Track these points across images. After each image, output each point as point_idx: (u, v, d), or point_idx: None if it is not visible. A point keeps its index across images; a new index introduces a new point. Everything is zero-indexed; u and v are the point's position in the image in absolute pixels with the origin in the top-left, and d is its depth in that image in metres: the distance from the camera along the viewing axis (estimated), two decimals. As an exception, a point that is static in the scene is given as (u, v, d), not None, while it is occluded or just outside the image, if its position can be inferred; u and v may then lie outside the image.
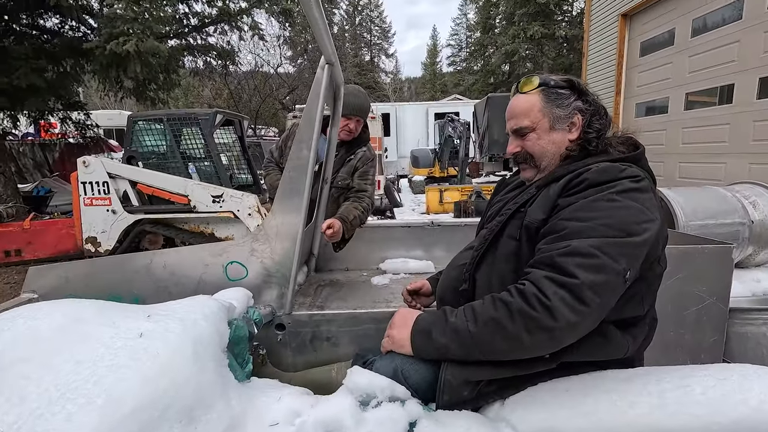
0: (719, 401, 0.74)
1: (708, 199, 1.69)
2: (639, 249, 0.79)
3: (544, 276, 0.78)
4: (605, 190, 0.84)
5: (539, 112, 1.00)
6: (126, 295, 1.41)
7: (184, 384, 0.64)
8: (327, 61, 1.34)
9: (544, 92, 1.00)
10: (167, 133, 4.55)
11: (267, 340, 1.46)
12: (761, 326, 1.25)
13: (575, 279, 0.75)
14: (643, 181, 0.87)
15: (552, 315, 0.75)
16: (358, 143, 2.27)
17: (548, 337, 0.76)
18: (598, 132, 0.97)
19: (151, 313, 0.79)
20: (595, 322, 0.78)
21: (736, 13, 5.63)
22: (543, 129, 1.00)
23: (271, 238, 1.42)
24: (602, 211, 0.81)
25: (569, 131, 0.99)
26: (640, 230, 0.79)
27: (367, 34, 39.59)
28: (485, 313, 0.82)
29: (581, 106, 0.98)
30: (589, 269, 0.75)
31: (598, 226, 0.79)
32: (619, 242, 0.77)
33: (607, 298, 0.76)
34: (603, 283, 0.75)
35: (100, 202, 4.18)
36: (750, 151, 5.54)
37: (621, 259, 0.76)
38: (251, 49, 14.53)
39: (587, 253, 0.76)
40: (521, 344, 0.78)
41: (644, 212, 0.82)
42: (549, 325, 0.75)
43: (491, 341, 0.80)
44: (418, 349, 0.90)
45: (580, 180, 0.87)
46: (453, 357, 0.86)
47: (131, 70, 5.06)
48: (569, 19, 25.72)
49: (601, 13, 8.37)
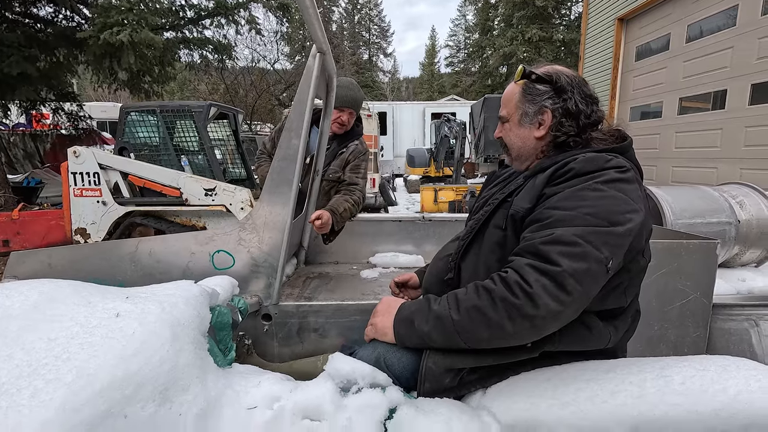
0: (699, 391, 0.74)
1: (696, 198, 1.71)
2: (622, 239, 0.79)
3: (527, 263, 0.78)
4: (590, 179, 0.84)
5: (514, 105, 1.02)
6: (110, 281, 1.39)
7: (158, 364, 0.63)
8: (318, 50, 1.34)
9: (525, 85, 1.00)
10: (160, 124, 4.51)
11: (253, 330, 1.45)
12: (743, 322, 1.26)
13: (557, 267, 0.75)
14: (628, 172, 0.87)
15: (533, 302, 0.74)
16: (350, 136, 2.25)
17: (530, 325, 0.76)
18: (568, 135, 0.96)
19: (130, 295, 0.77)
20: (577, 310, 0.78)
21: (731, 20, 5.70)
22: (514, 122, 1.03)
23: (259, 227, 1.41)
24: (587, 200, 0.81)
25: (536, 128, 0.99)
26: (623, 220, 0.79)
27: (366, 33, 39.54)
28: (468, 300, 0.81)
29: (550, 105, 0.97)
30: (571, 257, 0.75)
31: (582, 215, 0.79)
32: (602, 231, 0.77)
33: (589, 287, 0.76)
34: (585, 272, 0.75)
35: (90, 193, 4.13)
36: (741, 156, 5.61)
37: (603, 248, 0.76)
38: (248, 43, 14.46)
39: (570, 241, 0.76)
40: (503, 332, 0.78)
41: (628, 203, 0.82)
42: (531, 312, 0.75)
43: (474, 329, 0.80)
44: (401, 337, 0.90)
45: (566, 170, 0.87)
46: (435, 345, 0.86)
47: (125, 61, 5.00)
48: (567, 23, 25.87)
49: (598, 16, 8.42)
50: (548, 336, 0.85)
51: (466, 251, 1.00)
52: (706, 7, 6.03)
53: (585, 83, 1.01)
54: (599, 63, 8.44)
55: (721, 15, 5.84)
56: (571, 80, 0.99)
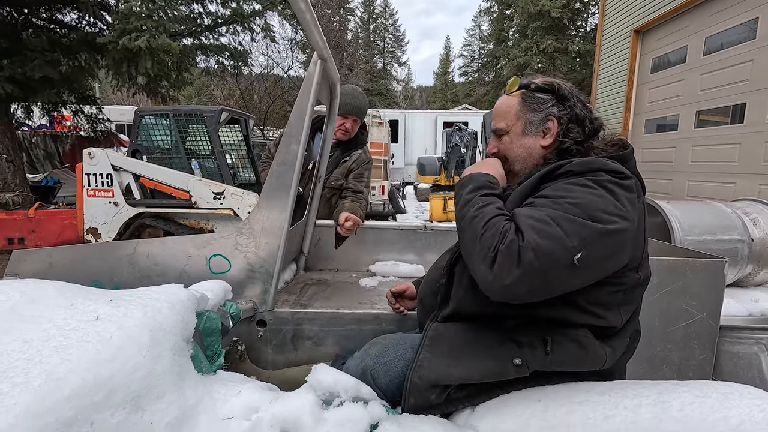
0: (698, 419, 0.70)
1: (707, 214, 1.65)
2: (599, 236, 0.73)
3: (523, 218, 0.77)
4: (583, 176, 0.82)
5: (515, 115, 1.00)
6: (108, 282, 1.40)
7: (133, 370, 0.62)
8: (319, 57, 1.34)
9: (523, 95, 1.00)
10: (172, 128, 4.60)
11: (248, 335, 1.44)
12: (753, 346, 1.19)
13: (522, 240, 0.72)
14: (627, 179, 0.83)
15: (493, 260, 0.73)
16: (354, 144, 2.25)
17: (486, 269, 0.73)
18: (575, 141, 0.95)
19: (114, 298, 0.77)
20: (531, 291, 0.73)
21: (751, 32, 5.58)
22: (516, 133, 1.00)
23: (257, 233, 1.41)
24: (573, 192, 0.78)
25: (542, 137, 0.98)
26: (604, 219, 0.74)
27: (381, 42, 39.95)
28: (480, 217, 0.80)
29: (556, 113, 0.96)
30: (538, 232, 0.72)
31: (563, 203, 0.76)
32: (577, 221, 0.73)
33: (548, 269, 0.71)
34: (547, 251, 0.70)
35: (102, 194, 4.22)
36: (761, 171, 5.44)
37: (573, 237, 0.72)
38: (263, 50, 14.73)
39: (541, 218, 0.74)
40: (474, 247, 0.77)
41: (617, 206, 0.77)
42: (490, 256, 0.73)
43: (468, 229, 0.81)
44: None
45: (562, 171, 0.86)
46: None
47: (142, 65, 5.13)
48: (583, 34, 25.73)
49: (614, 28, 8.35)
50: (539, 354, 0.82)
51: (459, 256, 0.98)
52: (725, 19, 5.92)
53: (580, 92, 1.01)
54: (614, 75, 8.34)
55: (741, 28, 5.73)
56: (570, 88, 0.99)
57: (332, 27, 20.61)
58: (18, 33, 5.45)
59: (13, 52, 5.15)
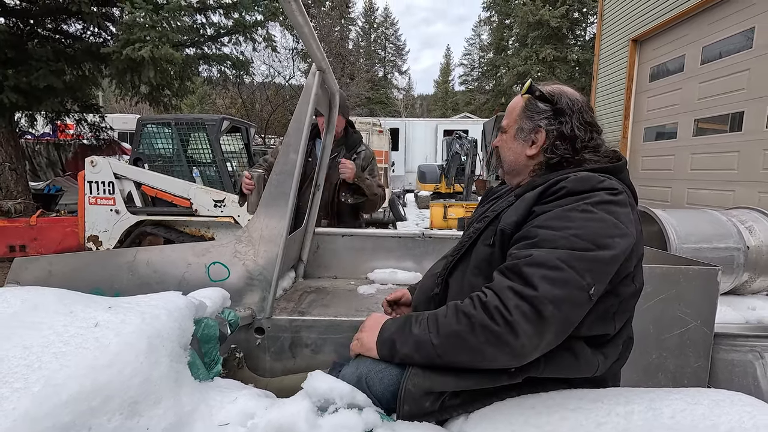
0: (688, 426, 0.71)
1: (703, 222, 1.66)
2: (607, 266, 0.77)
3: (508, 286, 0.77)
4: (580, 200, 0.82)
5: (515, 118, 1.02)
6: (108, 290, 1.41)
7: (130, 376, 0.63)
8: (318, 68, 1.37)
9: (528, 100, 1.01)
10: (174, 136, 4.64)
11: (246, 343, 1.44)
12: (747, 353, 1.20)
13: (536, 291, 0.73)
14: (621, 194, 0.85)
15: (513, 330, 0.73)
16: (355, 142, 2.40)
17: (509, 352, 0.75)
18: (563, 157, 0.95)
19: (113, 305, 0.78)
20: (558, 337, 0.76)
21: (747, 42, 5.63)
22: (510, 135, 1.03)
23: (255, 240, 1.42)
24: (575, 221, 0.80)
25: (529, 146, 0.99)
26: (610, 244, 0.77)
27: (382, 51, 40.33)
28: (447, 325, 0.81)
29: (545, 126, 0.96)
30: (552, 282, 0.74)
31: (569, 236, 0.78)
32: (587, 256, 0.76)
33: (569, 313, 0.74)
34: (565, 298, 0.73)
35: (104, 202, 4.25)
36: (760, 179, 5.46)
37: (586, 275, 0.75)
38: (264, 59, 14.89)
39: (553, 265, 0.75)
40: (483, 357, 0.77)
41: (618, 226, 0.80)
42: (510, 340, 0.74)
43: (454, 354, 0.79)
44: (384, 357, 0.89)
45: (557, 188, 0.86)
46: (419, 364, 0.85)
47: (145, 75, 5.20)
48: (582, 43, 25.96)
49: (612, 37, 8.44)
50: (533, 361, 0.82)
51: (454, 267, 0.99)
52: (722, 29, 5.99)
53: (588, 110, 0.99)
54: (613, 83, 8.41)
55: (738, 37, 5.79)
56: (572, 104, 0.97)
57: (333, 37, 20.85)
58: (24, 43, 5.54)
59: (19, 61, 5.22)
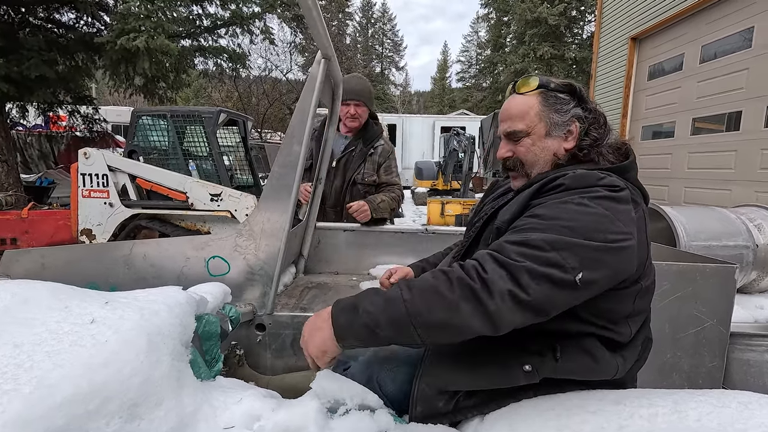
0: (715, 430, 0.68)
1: (712, 220, 1.63)
2: (598, 252, 0.72)
3: (487, 253, 0.74)
4: (576, 194, 0.78)
5: (536, 116, 0.92)
6: (103, 284, 1.37)
7: (130, 376, 0.59)
8: (324, 56, 1.32)
9: (543, 95, 0.93)
10: (170, 129, 4.56)
11: (246, 340, 1.40)
12: (764, 353, 1.18)
13: (515, 262, 0.70)
14: (622, 191, 0.80)
15: (488, 289, 0.68)
16: (374, 136, 2.28)
17: (483, 312, 0.68)
18: (594, 141, 0.91)
19: (110, 300, 0.74)
20: (535, 315, 0.70)
21: (746, 42, 5.64)
22: (538, 135, 0.93)
23: (257, 234, 1.38)
24: (568, 213, 0.75)
25: (565, 139, 0.92)
26: (603, 238, 0.73)
27: (379, 47, 40.13)
28: (422, 281, 0.74)
29: (580, 114, 0.92)
30: (532, 258, 0.70)
31: (559, 226, 0.73)
32: (575, 242, 0.71)
33: (549, 293, 0.69)
34: (544, 275, 0.69)
35: (98, 195, 4.17)
36: (757, 179, 5.48)
37: (571, 258, 0.70)
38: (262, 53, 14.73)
39: (536, 245, 0.71)
40: (459, 314, 0.69)
41: (614, 223, 0.74)
42: (485, 299, 0.68)
43: (427, 309, 0.70)
44: (342, 328, 0.74)
45: (555, 184, 0.82)
46: (383, 335, 0.72)
47: (140, 66, 5.10)
48: (579, 41, 25.99)
49: (611, 35, 8.42)
50: (549, 361, 0.79)
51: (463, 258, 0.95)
52: (721, 28, 5.99)
53: None
54: (611, 81, 8.41)
55: (736, 36, 5.79)
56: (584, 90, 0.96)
57: (331, 31, 20.68)
58: (15, 32, 5.41)
59: (10, 51, 5.10)
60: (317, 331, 0.78)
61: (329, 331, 0.75)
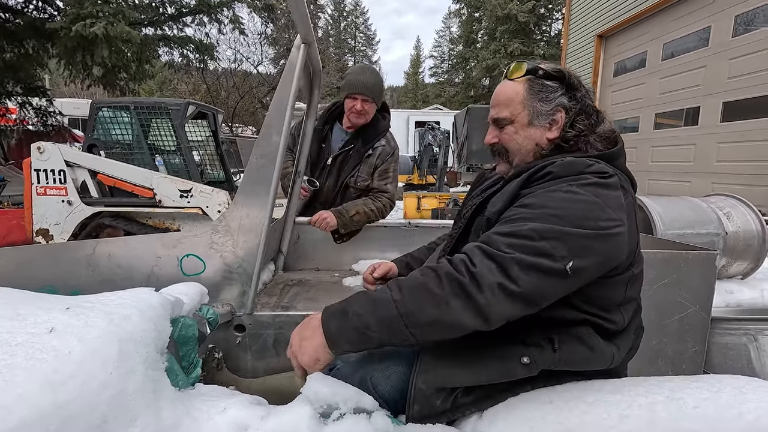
0: (714, 416, 0.68)
1: (686, 209, 1.69)
2: (588, 240, 0.71)
3: (476, 245, 0.72)
4: (565, 182, 0.77)
5: (520, 103, 0.91)
6: (63, 288, 1.25)
7: (99, 390, 0.52)
8: (303, 40, 1.25)
9: (530, 82, 0.91)
10: (134, 122, 4.30)
11: (225, 342, 1.33)
12: (742, 337, 1.23)
13: (504, 253, 0.68)
14: (611, 178, 0.79)
15: (477, 283, 0.67)
16: (375, 134, 2.03)
17: (473, 307, 0.67)
18: (580, 132, 0.90)
19: (72, 305, 0.66)
20: (526, 306, 0.69)
21: (704, 41, 5.93)
22: (521, 123, 0.92)
23: (234, 230, 1.30)
24: (556, 201, 0.74)
25: (549, 128, 0.91)
26: (593, 226, 0.72)
27: (352, 41, 39.75)
28: (411, 280, 0.72)
29: (566, 103, 0.91)
30: (521, 249, 0.69)
31: (547, 215, 0.72)
32: (564, 230, 0.70)
33: (539, 283, 0.68)
34: (534, 265, 0.68)
35: (54, 192, 3.89)
36: (714, 171, 5.80)
37: (561, 248, 0.69)
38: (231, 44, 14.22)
39: (524, 234, 0.70)
40: (449, 310, 0.67)
41: (604, 210, 0.73)
42: (474, 293, 0.67)
43: (418, 308, 0.69)
44: (333, 334, 0.73)
45: (543, 173, 0.81)
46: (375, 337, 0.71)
47: (98, 54, 4.79)
48: (547, 39, 26.69)
49: (579, 32, 8.67)
50: (547, 353, 0.78)
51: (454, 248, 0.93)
52: (681, 27, 6.27)
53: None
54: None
55: (695, 35, 6.08)
56: (577, 77, 0.94)
57: (302, 23, 20.18)
58: (-47, 15, 4.95)
59: (-53, 35, 4.66)
60: (307, 341, 0.76)
61: (320, 339, 0.74)
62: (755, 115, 5.17)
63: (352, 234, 2.02)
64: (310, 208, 2.14)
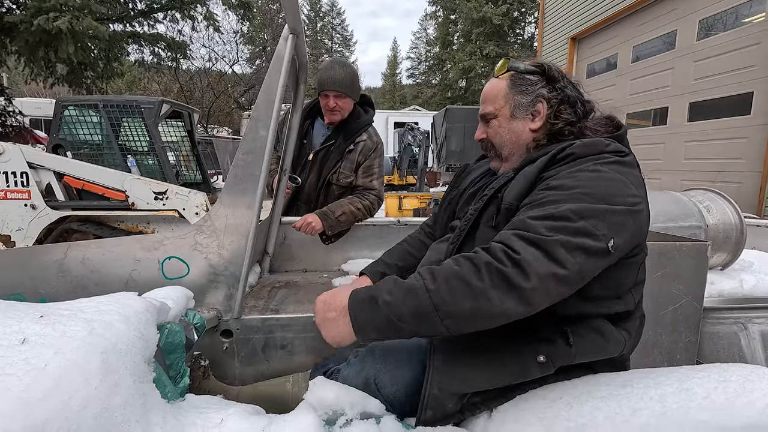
0: (724, 405, 0.67)
1: (668, 203, 1.73)
2: (623, 216, 0.71)
3: (513, 233, 0.70)
4: (588, 161, 0.78)
5: (503, 98, 0.96)
6: (31, 295, 1.15)
7: (80, 408, 0.46)
8: (291, 31, 1.20)
9: (512, 78, 0.96)
10: (103, 121, 4.10)
11: (211, 348, 1.26)
12: (732, 325, 1.26)
13: (544, 236, 0.67)
14: (628, 156, 0.83)
15: (523, 271, 0.65)
16: (356, 129, 1.97)
17: (518, 296, 0.64)
18: (568, 122, 0.92)
19: (46, 313, 0.59)
20: (570, 288, 0.68)
21: (670, 44, 6.19)
22: (504, 116, 0.96)
23: (219, 231, 1.23)
24: (584, 180, 0.75)
25: (531, 120, 0.94)
26: (622, 202, 0.73)
27: (329, 41, 39.50)
28: (446, 269, 0.69)
29: (546, 94, 0.93)
30: (562, 231, 0.67)
31: (579, 194, 0.72)
32: (599, 209, 0.70)
33: (584, 263, 0.67)
34: (579, 246, 0.67)
35: (16, 195, 3.64)
36: (682, 168, 6.06)
37: (601, 225, 0.69)
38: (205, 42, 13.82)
39: (562, 216, 0.69)
40: (489, 302, 0.64)
41: (628, 186, 0.75)
42: (519, 282, 0.64)
43: (454, 299, 0.65)
44: (361, 324, 0.70)
45: (565, 154, 0.82)
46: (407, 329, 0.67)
47: (63, 51, 4.53)
48: (521, 42, 27.31)
49: (553, 35, 8.89)
50: (561, 348, 0.76)
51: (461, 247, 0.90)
52: (649, 30, 6.53)
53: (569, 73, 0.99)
54: (554, 78, 8.86)
55: (662, 38, 6.34)
56: (558, 70, 0.97)
57: (278, 23, 19.94)
58: None
59: None
60: (331, 323, 0.74)
61: (346, 328, 0.71)
62: (719, 114, 5.43)
63: (340, 234, 1.97)
64: (292, 205, 2.08)
